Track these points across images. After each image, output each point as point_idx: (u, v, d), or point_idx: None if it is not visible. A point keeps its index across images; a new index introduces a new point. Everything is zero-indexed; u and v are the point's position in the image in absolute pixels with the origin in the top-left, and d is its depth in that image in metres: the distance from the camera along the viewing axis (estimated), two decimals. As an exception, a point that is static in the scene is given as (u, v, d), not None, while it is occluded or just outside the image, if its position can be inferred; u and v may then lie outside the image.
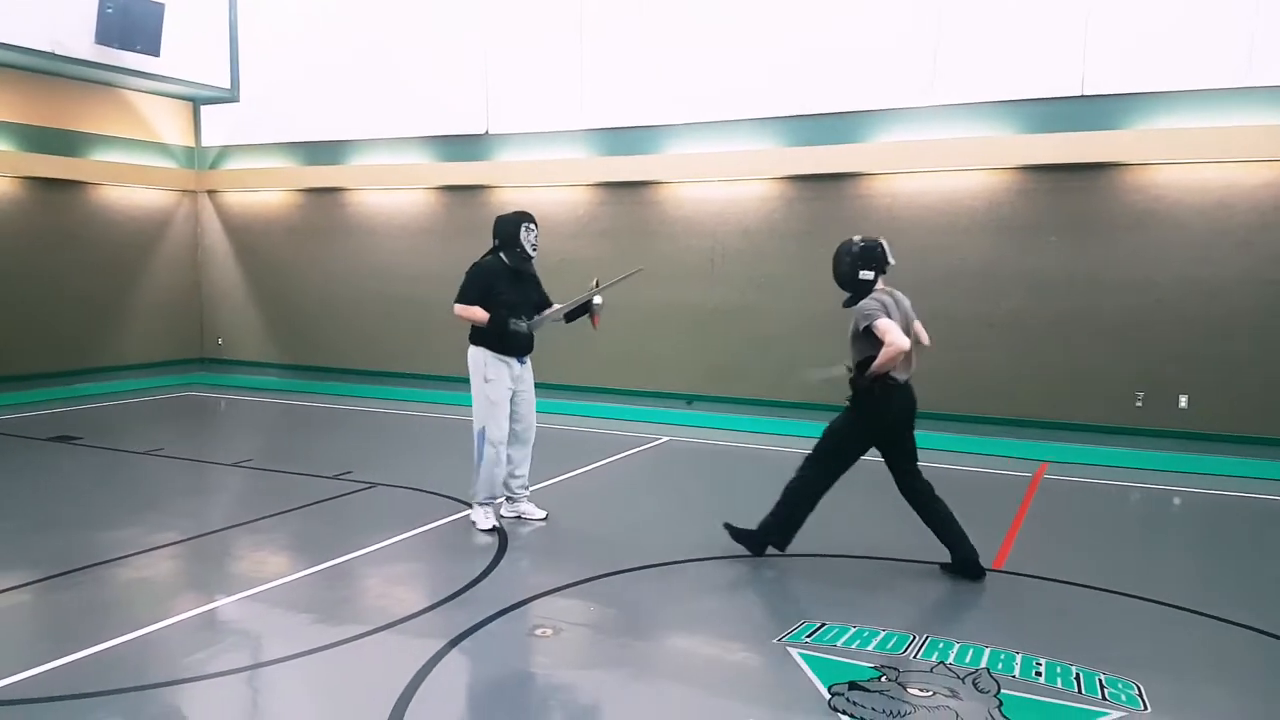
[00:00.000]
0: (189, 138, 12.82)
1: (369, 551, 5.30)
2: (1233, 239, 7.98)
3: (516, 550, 5.36)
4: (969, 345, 8.86)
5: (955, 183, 8.89)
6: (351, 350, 12.03)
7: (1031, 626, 4.37)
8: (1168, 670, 3.90)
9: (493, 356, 5.68)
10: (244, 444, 9.09)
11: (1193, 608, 4.58)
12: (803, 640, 4.09)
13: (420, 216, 11.57)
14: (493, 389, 5.69)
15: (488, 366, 5.68)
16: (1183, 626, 4.42)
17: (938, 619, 4.38)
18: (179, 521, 5.87)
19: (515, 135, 10.82)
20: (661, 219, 10.18)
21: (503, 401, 5.71)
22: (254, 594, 4.62)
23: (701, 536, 5.68)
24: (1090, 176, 8.37)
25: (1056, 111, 8.44)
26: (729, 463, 8.08)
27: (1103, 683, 3.73)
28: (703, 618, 4.52)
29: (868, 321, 4.87)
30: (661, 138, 10.08)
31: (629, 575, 4.98)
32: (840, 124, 9.25)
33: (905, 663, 3.87)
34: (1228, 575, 5.23)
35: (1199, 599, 4.68)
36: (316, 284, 12.22)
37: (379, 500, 6.50)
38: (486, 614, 4.33)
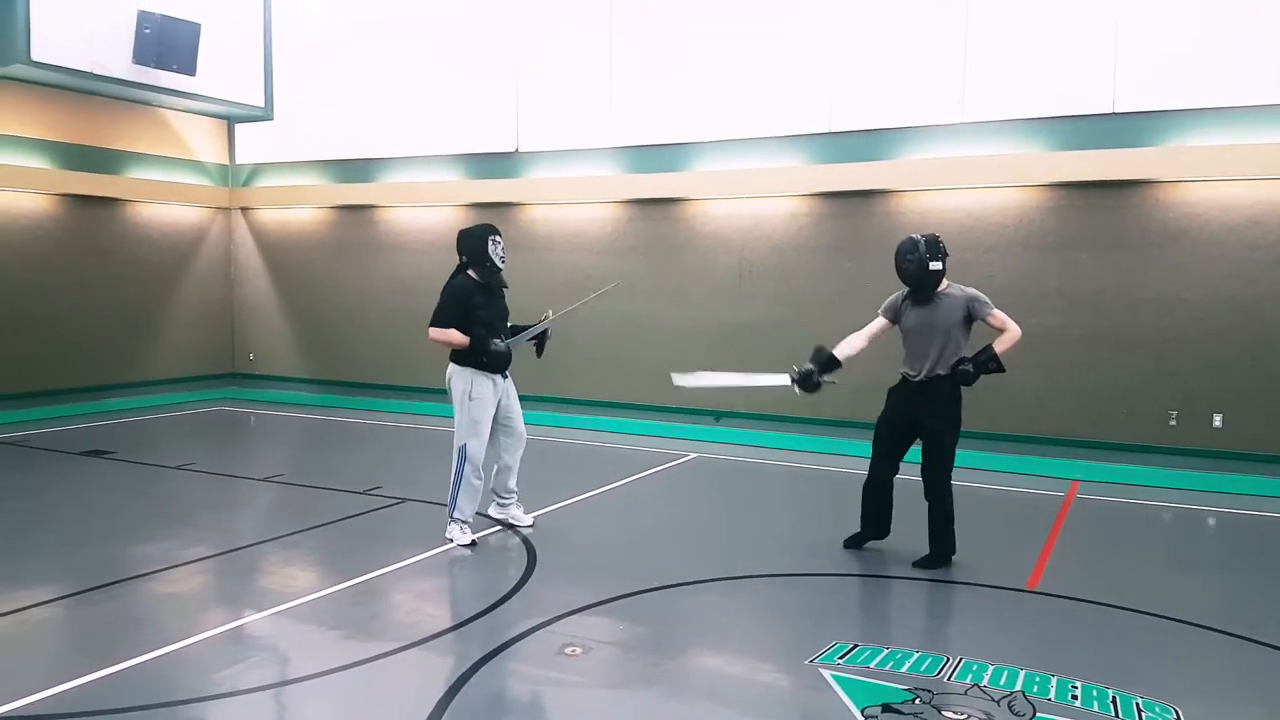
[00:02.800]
0: (223, 155, 13.01)
1: (398, 567, 5.32)
2: (1267, 255, 7.86)
3: (545, 567, 5.36)
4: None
5: (985, 200, 8.83)
6: (381, 366, 12.12)
7: (1067, 648, 4.31)
8: (1206, 695, 3.83)
9: (477, 374, 5.70)
10: (274, 459, 9.18)
11: (1230, 630, 4.50)
12: (835, 662, 4.05)
13: (450, 234, 11.38)
14: (476, 407, 5.70)
15: (473, 385, 5.70)
16: (1220, 650, 4.34)
17: (972, 640, 4.33)
18: (209, 536, 5.93)
19: (545, 153, 10.89)
20: (690, 235, 10.20)
21: (485, 420, 5.73)
22: (283, 610, 4.65)
23: (730, 554, 5.67)
24: (1121, 193, 8.29)
25: (1087, 129, 8.38)
26: (757, 479, 8.04)
27: (1140, 707, 3.67)
28: (734, 637, 4.49)
29: (989, 310, 5.19)
30: (690, 154, 10.11)
31: (658, 593, 4.97)
32: (870, 141, 9.23)
33: (939, 685, 3.82)
34: (1264, 597, 5.13)
35: (1236, 621, 4.59)
36: (347, 300, 12.34)
37: (408, 516, 6.54)
38: (516, 632, 4.33)
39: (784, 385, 5.60)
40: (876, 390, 9.19)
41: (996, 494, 7.59)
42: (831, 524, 6.64)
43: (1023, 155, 8.58)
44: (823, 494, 7.61)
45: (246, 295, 13.13)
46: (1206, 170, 7.94)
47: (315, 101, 12.18)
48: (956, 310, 5.21)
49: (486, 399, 5.72)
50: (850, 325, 9.85)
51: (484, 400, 5.72)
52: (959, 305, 5.21)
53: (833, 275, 9.46)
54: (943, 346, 5.22)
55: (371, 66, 11.76)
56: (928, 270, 5.20)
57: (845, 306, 9.41)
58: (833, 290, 9.44)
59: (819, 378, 5.52)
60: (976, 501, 7.39)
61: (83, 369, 11.36)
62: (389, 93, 11.67)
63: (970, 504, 7.31)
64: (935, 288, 5.27)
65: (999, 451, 8.62)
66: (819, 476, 8.21)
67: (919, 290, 5.30)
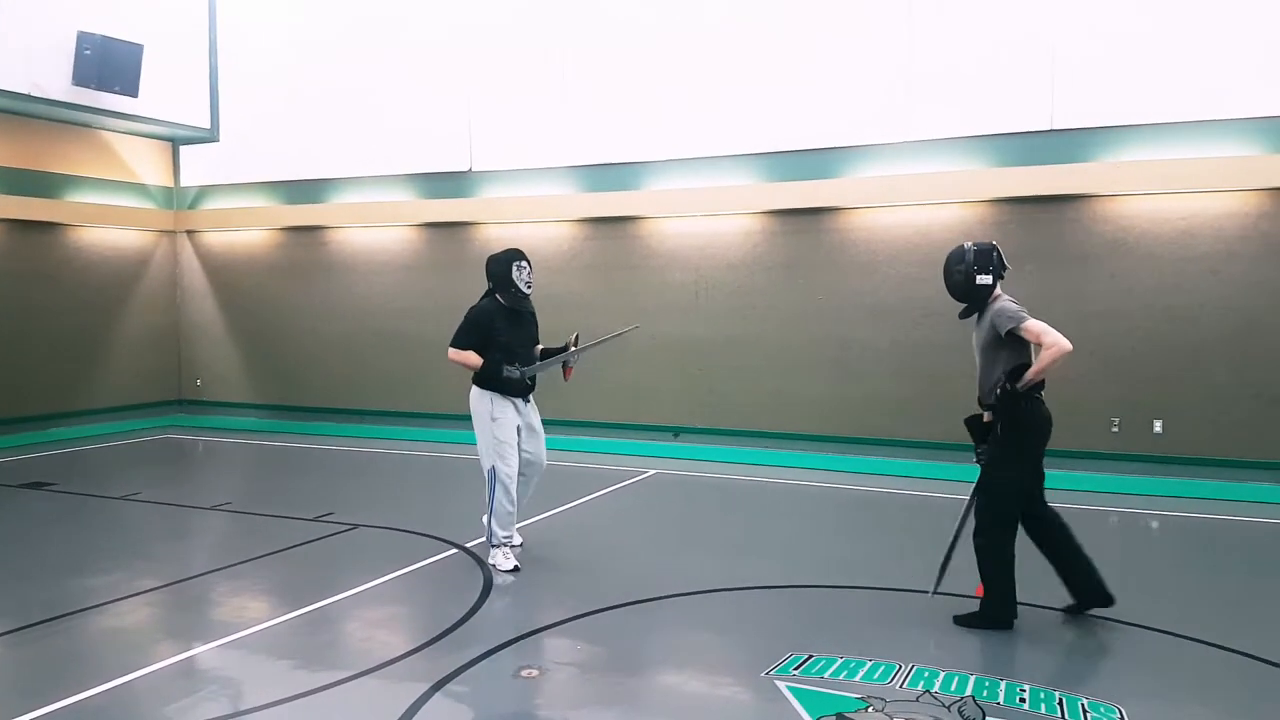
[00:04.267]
0: (168, 178, 12.81)
1: (351, 594, 5.25)
2: (1200, 267, 8.14)
3: (501, 589, 5.33)
4: (949, 374, 8.94)
5: (931, 216, 9.03)
6: (334, 389, 11.97)
7: (1015, 653, 4.40)
8: (1150, 695, 3.93)
9: (497, 396, 5.65)
10: (223, 487, 9.01)
11: (1173, 630, 4.62)
12: (790, 673, 4.08)
13: (403, 254, 11.60)
14: (500, 428, 5.64)
15: (494, 405, 5.64)
16: (1162, 649, 4.45)
17: (923, 648, 4.39)
18: (156, 568, 5.81)
19: (499, 172, 10.90)
20: (646, 253, 10.26)
21: (511, 439, 5.66)
22: (234, 640, 4.56)
23: (688, 570, 5.68)
24: (1061, 208, 8.53)
25: (1027, 145, 8.62)
26: (716, 495, 8.08)
27: (1085, 708, 3.76)
28: (691, 653, 4.51)
29: (1015, 324, 4.46)
30: (644, 173, 10.19)
31: (616, 612, 4.97)
32: (819, 160, 9.40)
33: (891, 692, 3.87)
34: (1205, 597, 5.28)
35: (1177, 621, 4.72)
36: (298, 323, 12.19)
37: (361, 542, 6.45)
38: (471, 656, 4.30)
39: None
40: (834, 402, 9.39)
41: (946, 502, 7.71)
42: (788, 537, 6.71)
43: (966, 172, 8.80)
44: (782, 508, 7.67)
45: (193, 320, 12.91)
46: (1142, 184, 8.21)
47: (263, 122, 12.06)
48: (988, 328, 4.63)
49: (509, 420, 5.67)
50: (806, 341, 10.05)
51: (507, 422, 5.66)
52: (988, 323, 4.64)
53: (787, 292, 9.58)
54: (983, 369, 4.71)
55: (321, 86, 11.69)
56: (974, 284, 4.66)
57: (800, 322, 9.58)
58: (788, 306, 9.57)
59: None
60: (927, 512, 7.52)
61: (23, 398, 11.06)
62: (339, 113, 11.61)
63: (922, 512, 7.45)
64: (984, 303, 4.70)
65: (948, 460, 8.77)
66: (780, 491, 8.27)
67: (968, 305, 4.79)
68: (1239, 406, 8.04)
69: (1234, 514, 7.20)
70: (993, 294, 4.70)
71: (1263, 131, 7.89)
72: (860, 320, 9.28)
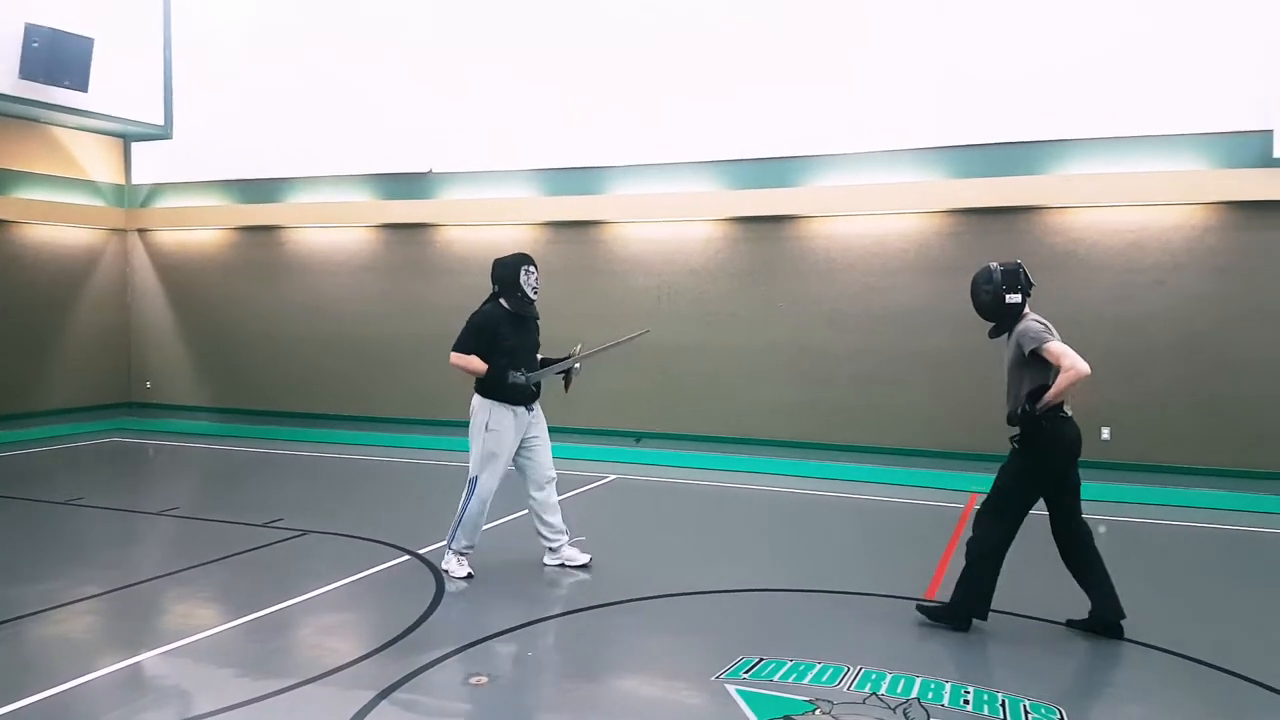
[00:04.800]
0: (119, 175, 12.56)
1: (300, 601, 5.18)
2: (1147, 278, 8.33)
3: (453, 596, 5.29)
4: (901, 381, 9.08)
5: (888, 226, 9.14)
6: (288, 393, 11.81)
7: (960, 655, 4.46)
8: (1090, 696, 4.02)
9: (498, 405, 5.49)
10: (171, 491, 8.84)
11: (1115, 635, 4.71)
12: (741, 676, 4.11)
13: (361, 255, 11.48)
14: (494, 440, 5.49)
15: (491, 415, 5.48)
16: (1105, 652, 4.54)
17: (871, 650, 4.44)
18: (100, 574, 5.67)
19: (460, 174, 10.84)
20: (609, 258, 10.26)
21: (504, 454, 5.51)
22: (180, 647, 4.48)
23: (643, 576, 5.69)
24: (1014, 219, 8.68)
25: (982, 158, 8.76)
26: (676, 500, 8.10)
27: (1027, 709, 3.82)
28: (642, 658, 4.51)
29: (1037, 344, 4.49)
30: (608, 178, 10.20)
31: (569, 617, 4.96)
32: (781, 168, 9.47)
33: (839, 695, 3.91)
34: (1148, 600, 5.38)
35: (1121, 625, 4.82)
36: (252, 325, 12.00)
37: (311, 548, 6.37)
38: (420, 663, 4.26)
39: None
40: (793, 408, 9.46)
41: (896, 506, 7.83)
42: (745, 542, 6.75)
43: (923, 183, 8.93)
44: (740, 513, 7.72)
45: (144, 321, 12.66)
46: (1092, 197, 8.39)
47: (218, 119, 11.87)
48: (1015, 348, 4.63)
49: (505, 433, 5.50)
50: (767, 347, 10.09)
51: (502, 434, 5.49)
52: (1014, 341, 4.64)
53: (748, 298, 9.64)
54: (1010, 387, 4.72)
55: (279, 84, 11.54)
56: (1004, 304, 4.65)
57: (761, 329, 9.64)
58: (749, 313, 9.63)
59: None
60: (877, 514, 7.61)
61: (-36, 400, 10.77)
62: (297, 111, 11.46)
63: (877, 517, 7.54)
64: (1013, 322, 4.68)
65: (898, 465, 8.91)
66: (739, 496, 8.32)
67: (997, 324, 4.79)
68: (1183, 415, 8.24)
69: (1178, 519, 7.37)
70: (1023, 311, 4.71)
71: (1208, 147, 8.10)
72: (819, 327, 9.37)
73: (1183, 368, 8.24)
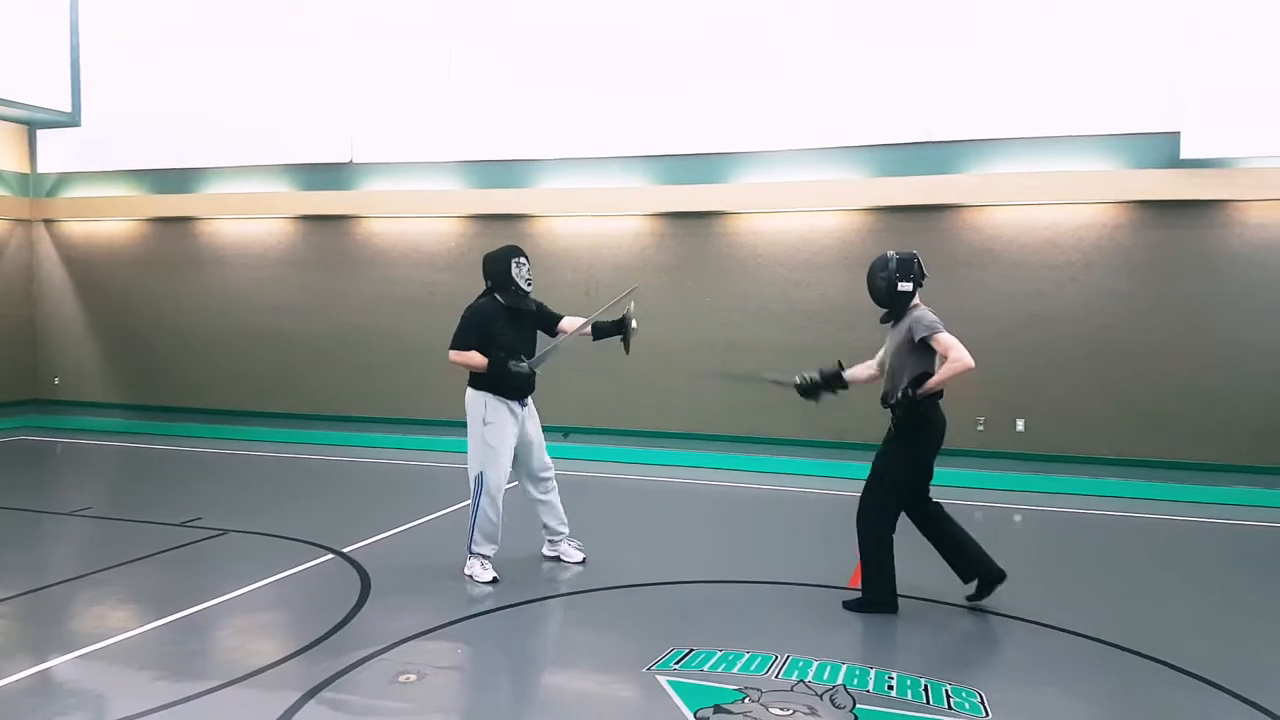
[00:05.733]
0: (24, 163, 11.99)
1: (221, 601, 5.04)
2: (1061, 274, 8.65)
3: (378, 595, 5.20)
4: (828, 375, 9.24)
5: (813, 223, 9.29)
6: (203, 389, 11.44)
7: (884, 642, 4.58)
8: (1007, 677, 4.16)
9: (493, 399, 5.42)
10: (82, 491, 8.50)
11: (1030, 618, 4.89)
12: (671, 667, 4.14)
13: (279, 247, 11.18)
14: (492, 433, 5.40)
15: (487, 409, 5.41)
16: (1023, 637, 4.71)
17: (797, 639, 4.52)
18: (7, 577, 5.43)
19: (382, 165, 10.64)
20: (535, 251, 10.08)
21: (503, 446, 5.43)
22: (94, 651, 4.32)
23: (574, 570, 5.69)
24: (935, 217, 8.91)
25: (903, 156, 8.97)
26: (604, 494, 8.11)
27: (949, 693, 3.94)
28: (574, 652, 4.52)
29: (929, 333, 4.71)
30: (535, 172, 10.13)
31: (498, 614, 4.93)
32: (707, 164, 9.54)
33: (767, 683, 3.98)
34: (1059, 585, 5.61)
35: (1034, 609, 5.00)
36: (167, 318, 11.59)
37: (232, 547, 6.19)
38: (347, 662, 4.18)
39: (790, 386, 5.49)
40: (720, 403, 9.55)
41: (830, 498, 7.97)
42: (674, 535, 6.80)
43: (846, 181, 9.10)
44: (669, 506, 7.77)
45: (51, 315, 12.12)
46: (1009, 196, 8.66)
47: (130, 107, 11.42)
48: (903, 333, 4.89)
49: (504, 425, 5.42)
50: (694, 342, 10.18)
51: (501, 426, 5.41)
52: (905, 327, 4.89)
53: (675, 293, 9.69)
54: (892, 371, 4.97)
55: (193, 71, 11.15)
56: (895, 291, 4.88)
57: (688, 324, 9.70)
58: (675, 308, 9.67)
59: (820, 391, 5.39)
60: (806, 507, 7.75)
61: None
62: (211, 99, 11.08)
63: (804, 508, 7.67)
64: (904, 309, 4.94)
65: (826, 459, 9.07)
66: (667, 490, 8.37)
67: (889, 310, 5.02)
68: (1094, 406, 8.58)
69: (1089, 508, 7.69)
70: (913, 301, 4.93)
71: (1119, 148, 8.43)
72: (745, 323, 9.47)
73: (1094, 361, 8.57)
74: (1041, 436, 8.70)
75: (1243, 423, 8.23)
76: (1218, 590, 5.58)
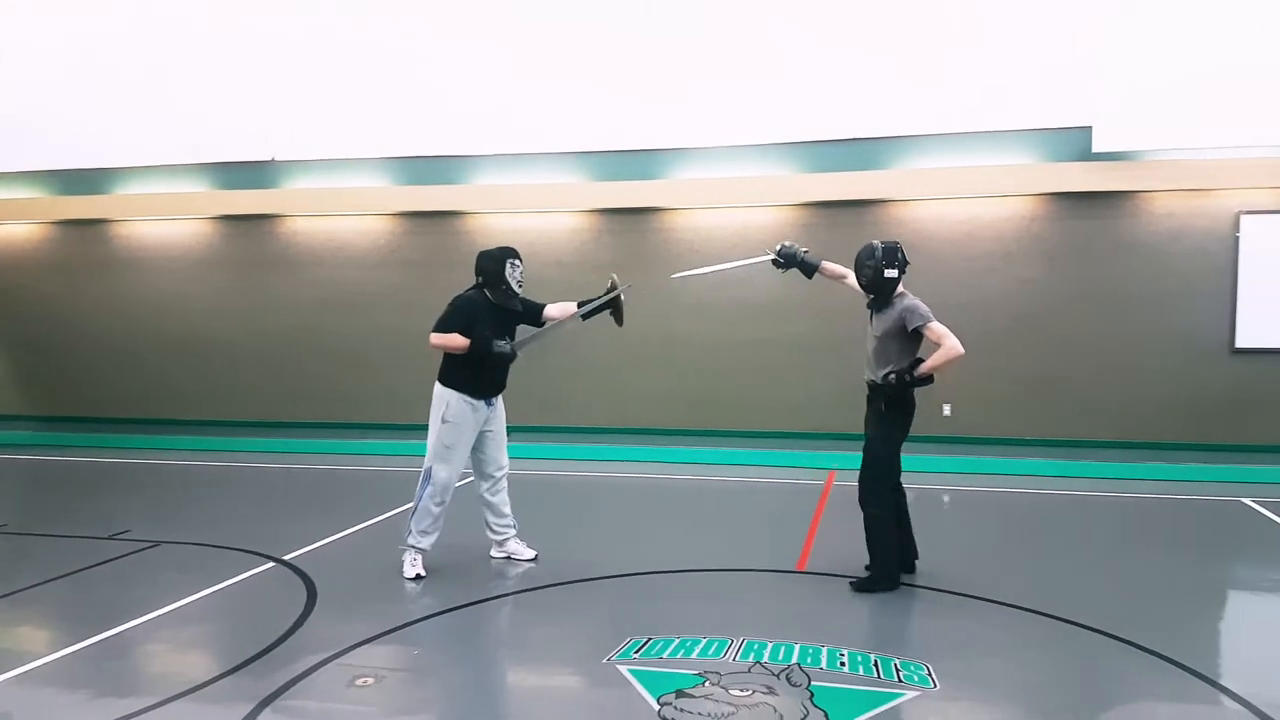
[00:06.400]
0: (-84, 165, 11.35)
1: (156, 616, 4.86)
2: (981, 265, 8.97)
3: (327, 600, 5.09)
4: (765, 367, 9.41)
5: (748, 218, 9.43)
6: (122, 397, 11.01)
7: (834, 622, 4.70)
8: (951, 650, 4.31)
9: (458, 397, 5.37)
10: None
11: (969, 593, 5.08)
12: (631, 657, 4.17)
13: (198, 248, 10.83)
14: (449, 432, 5.37)
15: (449, 407, 5.37)
16: (963, 610, 4.89)
17: (752, 622, 4.60)
18: (-80, 599, 5.15)
19: (306, 162, 10.38)
20: (471, 249, 9.92)
21: (459, 446, 5.40)
22: (20, 674, 4.12)
23: (526, 568, 5.67)
24: (862, 211, 9.14)
25: (832, 153, 9.18)
26: (551, 490, 8.07)
27: (898, 667, 4.07)
28: (533, 647, 4.51)
29: (921, 323, 5.02)
30: (470, 168, 10.02)
31: (453, 614, 4.88)
32: (642, 160, 9.60)
33: (725, 666, 4.04)
34: (992, 561, 5.83)
35: (970, 584, 5.20)
36: (80, 326, 11.12)
37: (166, 559, 5.98)
38: (301, 669, 4.09)
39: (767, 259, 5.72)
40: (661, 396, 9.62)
41: (765, 485, 8.11)
42: (624, 528, 6.83)
43: (778, 177, 9.26)
44: (616, 500, 7.79)
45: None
46: (931, 190, 8.94)
47: (37, 105, 10.91)
48: (894, 320, 5.14)
49: (464, 425, 5.38)
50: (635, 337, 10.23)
51: (460, 426, 5.37)
52: (896, 315, 5.13)
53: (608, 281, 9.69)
54: (877, 354, 5.19)
55: (104, 66, 10.71)
56: (882, 277, 5.15)
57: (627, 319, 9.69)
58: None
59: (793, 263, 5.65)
60: (752, 494, 7.87)
61: None
62: (125, 96, 10.67)
63: (749, 497, 7.79)
64: (890, 295, 5.21)
65: (767, 448, 9.22)
66: (613, 484, 8.39)
67: (875, 296, 5.26)
68: (1015, 390, 8.93)
69: (1013, 486, 7.99)
70: (898, 289, 5.21)
71: (1035, 142, 8.78)
72: (684, 317, 9.56)
73: (1014, 347, 8.91)
74: (965, 420, 9.01)
75: (1152, 401, 8.67)
76: (1137, 560, 5.87)
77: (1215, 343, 8.60)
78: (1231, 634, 4.84)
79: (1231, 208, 8.49)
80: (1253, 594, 5.51)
